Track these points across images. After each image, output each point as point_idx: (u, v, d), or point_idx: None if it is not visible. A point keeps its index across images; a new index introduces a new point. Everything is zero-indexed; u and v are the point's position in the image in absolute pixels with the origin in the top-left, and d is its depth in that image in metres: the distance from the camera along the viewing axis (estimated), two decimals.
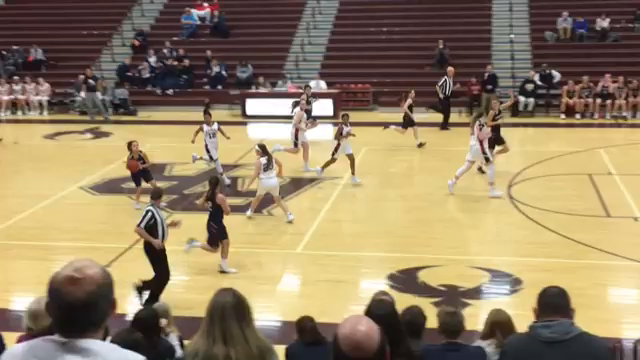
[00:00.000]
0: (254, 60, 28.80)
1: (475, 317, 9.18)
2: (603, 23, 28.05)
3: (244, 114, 26.65)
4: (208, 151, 17.51)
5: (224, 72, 28.67)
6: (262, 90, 27.19)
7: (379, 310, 4.61)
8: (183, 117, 25.65)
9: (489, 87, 25.72)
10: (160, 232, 10.83)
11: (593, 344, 4.37)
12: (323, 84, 27.06)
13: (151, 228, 10.75)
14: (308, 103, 21.64)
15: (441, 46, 27.79)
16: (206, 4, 31.74)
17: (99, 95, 27.22)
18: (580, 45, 28.15)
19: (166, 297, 10.50)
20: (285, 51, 29.92)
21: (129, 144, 15.96)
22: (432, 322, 6.10)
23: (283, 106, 25.41)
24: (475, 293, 11.26)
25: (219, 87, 28.38)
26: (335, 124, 20.61)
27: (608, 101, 24.98)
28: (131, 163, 15.83)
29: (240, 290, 4.45)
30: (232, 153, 19.89)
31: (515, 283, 11.55)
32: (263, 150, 14.77)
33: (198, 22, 31.41)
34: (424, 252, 12.96)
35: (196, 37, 31.05)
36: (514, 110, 25.27)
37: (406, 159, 20.29)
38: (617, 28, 28.17)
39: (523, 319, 5.39)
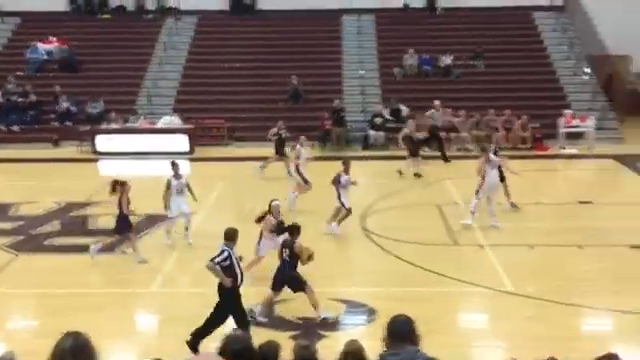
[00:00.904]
0: (105, 95, 28.16)
1: (331, 348, 9.17)
2: (447, 60, 29.54)
3: (94, 151, 25.88)
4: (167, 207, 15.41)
5: (73, 107, 27.85)
6: (114, 126, 26.55)
7: (235, 345, 4.61)
8: (30, 154, 24.63)
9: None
10: (237, 272, 10.39)
11: None
12: (177, 119, 26.75)
13: (225, 269, 10.29)
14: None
15: (295, 82, 28.25)
16: (54, 38, 30.75)
17: None
18: (426, 81, 29.49)
19: (17, 344, 9.95)
20: (137, 86, 29.46)
21: (114, 183, 14.31)
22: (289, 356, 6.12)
23: (135, 142, 25.05)
24: (331, 324, 11.40)
25: (68, 123, 27.52)
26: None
27: (453, 134, 26.16)
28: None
29: (94, 332, 4.30)
30: (82, 192, 19.29)
31: (370, 313, 11.80)
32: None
33: (45, 57, 30.37)
34: None
35: (44, 72, 30.02)
36: (365, 143, 26.14)
37: (263, 193, 20.31)
38: (459, 65, 29.73)
39: (377, 349, 5.52)
